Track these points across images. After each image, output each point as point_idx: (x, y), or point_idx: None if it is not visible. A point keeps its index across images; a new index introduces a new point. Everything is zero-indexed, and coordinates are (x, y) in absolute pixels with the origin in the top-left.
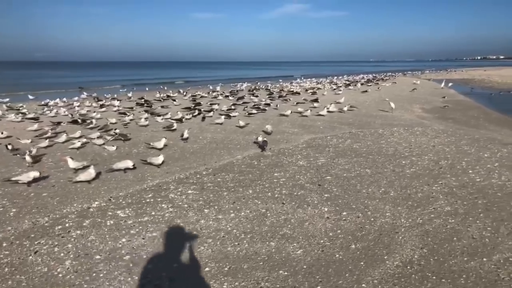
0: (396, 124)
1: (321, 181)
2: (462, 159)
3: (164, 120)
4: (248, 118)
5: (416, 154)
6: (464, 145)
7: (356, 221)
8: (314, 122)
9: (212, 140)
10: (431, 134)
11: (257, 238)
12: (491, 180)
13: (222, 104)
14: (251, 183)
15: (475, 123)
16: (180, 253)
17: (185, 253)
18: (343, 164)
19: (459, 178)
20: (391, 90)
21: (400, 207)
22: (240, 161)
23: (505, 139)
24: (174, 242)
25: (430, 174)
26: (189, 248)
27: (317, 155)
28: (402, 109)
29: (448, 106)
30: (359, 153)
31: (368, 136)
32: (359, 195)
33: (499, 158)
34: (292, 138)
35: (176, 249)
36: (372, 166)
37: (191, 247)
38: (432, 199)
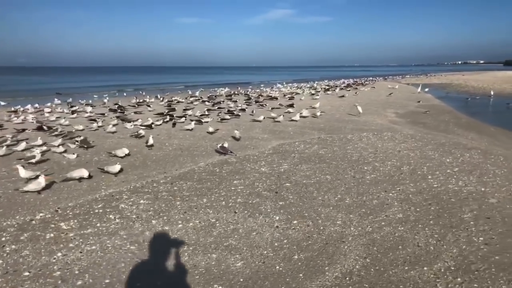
0: (366, 129)
1: (279, 188)
2: (424, 164)
3: (133, 126)
4: (220, 124)
5: (380, 159)
6: (429, 150)
7: (305, 230)
8: (286, 128)
9: (178, 147)
10: (399, 139)
11: (199, 250)
12: (448, 186)
13: (197, 109)
14: (207, 191)
15: (445, 127)
16: (115, 267)
17: (120, 268)
18: (305, 170)
19: (417, 184)
20: (368, 95)
21: (352, 215)
22: (202, 169)
23: (470, 143)
24: (111, 255)
25: (389, 180)
26: (126, 262)
27: (281, 161)
28: (376, 114)
29: (429, 112)
30: (324, 159)
31: (336, 142)
32: (314, 203)
33: (460, 163)
34: (260, 144)
35: (111, 263)
36: (333, 173)
37: (128, 261)
38: (386, 206)
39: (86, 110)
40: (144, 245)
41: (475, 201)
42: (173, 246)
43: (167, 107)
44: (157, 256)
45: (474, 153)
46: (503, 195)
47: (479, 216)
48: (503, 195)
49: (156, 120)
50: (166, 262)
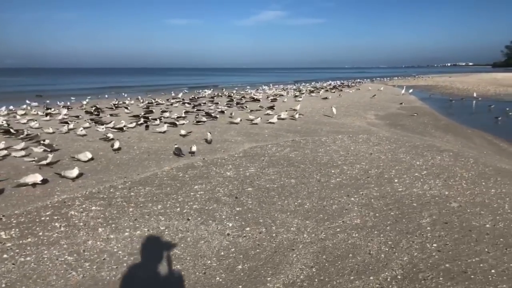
0: (343, 131)
1: (240, 193)
2: (394, 167)
3: (105, 129)
4: (195, 127)
5: (349, 162)
6: (402, 153)
7: (256, 238)
8: (262, 130)
9: (146, 151)
10: (373, 141)
11: (140, 260)
12: (412, 190)
13: (176, 111)
14: (165, 197)
15: (422, 129)
16: (45, 280)
17: (51, 281)
18: (271, 174)
19: (381, 188)
20: (352, 97)
21: (309, 221)
22: (165, 173)
23: (444, 145)
24: (44, 267)
25: (354, 184)
26: (58, 275)
27: (249, 164)
28: (356, 116)
29: (416, 114)
30: (293, 162)
31: (309, 144)
32: (272, 208)
33: (430, 166)
34: (232, 147)
35: (42, 276)
36: (298, 176)
37: (62, 273)
38: (345, 211)
39: (61, 112)
40: (83, 256)
41: (437, 205)
42: (113, 256)
43: (145, 109)
44: (93, 267)
45: (445, 156)
46: (466, 199)
47: (437, 221)
48: (465, 199)
49: (130, 123)
50: (101, 273)
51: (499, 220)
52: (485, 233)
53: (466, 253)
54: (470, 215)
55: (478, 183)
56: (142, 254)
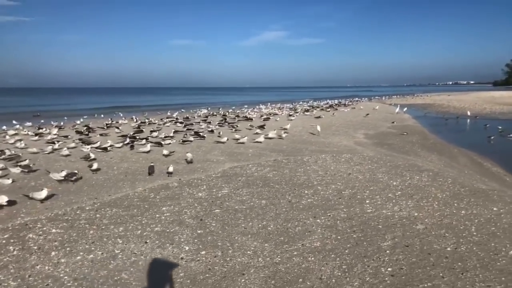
0: (327, 150)
1: (207, 215)
2: (369, 187)
3: (90, 149)
4: (180, 146)
5: (325, 183)
6: (381, 173)
7: (210, 261)
8: (247, 150)
9: (125, 171)
10: (355, 161)
11: (84, 285)
12: (382, 211)
13: (166, 131)
14: (129, 219)
15: (409, 149)
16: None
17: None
18: (243, 195)
19: (350, 210)
20: (345, 116)
21: (268, 243)
22: (137, 194)
23: (426, 165)
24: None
25: (324, 205)
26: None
27: (224, 185)
28: (344, 135)
29: (406, 133)
30: (268, 182)
31: (290, 164)
32: (234, 230)
33: (406, 186)
34: (212, 167)
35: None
36: (270, 197)
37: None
38: (308, 233)
39: (51, 132)
40: (27, 281)
41: (402, 227)
42: (56, 282)
43: (136, 128)
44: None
45: (424, 176)
46: (434, 220)
47: (398, 244)
48: (433, 220)
49: (117, 143)
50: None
51: (462, 243)
52: (444, 256)
53: (419, 278)
54: (434, 238)
55: (450, 204)
56: (87, 279)
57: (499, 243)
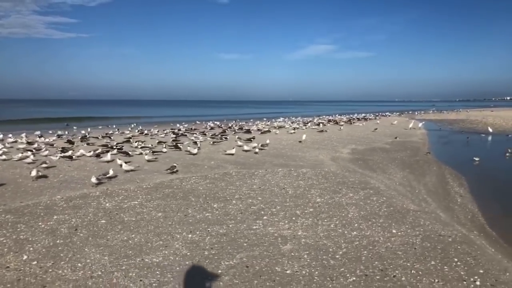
0: (292, 164)
1: (87, 225)
2: (284, 203)
3: (58, 157)
4: (150, 157)
5: (246, 197)
6: (317, 189)
7: (32, 272)
8: (207, 162)
9: (65, 179)
10: (306, 176)
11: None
12: (268, 228)
13: (150, 142)
14: (23, 225)
15: (383, 165)
16: None
17: None
18: (149, 206)
19: (237, 225)
20: (353, 130)
21: (111, 256)
22: (48, 203)
23: (378, 183)
24: None
25: (215, 220)
26: None
27: (142, 196)
28: (328, 149)
29: (398, 150)
30: (190, 195)
31: (235, 177)
32: (94, 242)
33: (326, 204)
34: (153, 177)
35: None
36: (172, 210)
37: None
38: (162, 248)
39: (37, 140)
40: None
41: (267, 246)
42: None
43: (125, 138)
44: None
45: (361, 194)
46: (310, 241)
47: (239, 264)
48: (310, 241)
49: (89, 151)
50: None
51: (313, 267)
52: (279, 282)
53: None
54: (287, 260)
55: (351, 224)
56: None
57: (345, 271)
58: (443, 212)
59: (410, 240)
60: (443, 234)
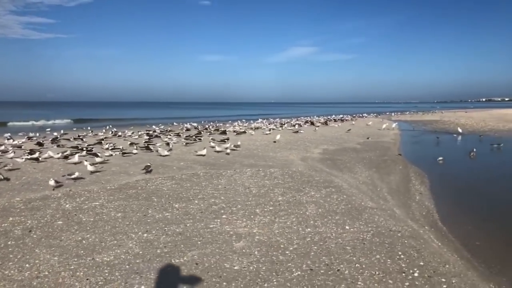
0: (261, 164)
1: (43, 227)
2: (246, 202)
3: (24, 159)
4: (122, 158)
5: (209, 197)
6: (281, 187)
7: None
8: (177, 163)
9: (27, 181)
10: (272, 176)
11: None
12: (225, 227)
13: (122, 144)
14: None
15: (350, 165)
16: None
17: None
18: (109, 207)
19: (194, 224)
20: (325, 131)
21: (61, 257)
22: (7, 204)
23: (342, 182)
24: None
25: (173, 220)
26: None
27: (104, 197)
28: (300, 150)
29: (368, 150)
30: (153, 195)
31: (202, 177)
32: (47, 243)
33: (287, 202)
34: (119, 179)
35: None
36: (133, 210)
37: None
38: (115, 247)
39: (5, 143)
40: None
41: (224, 244)
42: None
43: (97, 140)
44: None
45: (323, 192)
46: (264, 238)
47: (189, 261)
48: (263, 238)
49: (57, 153)
50: None
51: (261, 262)
52: (225, 279)
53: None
54: (237, 256)
55: (307, 221)
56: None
57: (290, 267)
58: (399, 209)
59: (361, 236)
60: (393, 230)
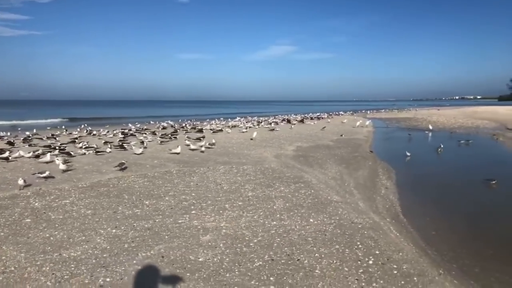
0: (235, 162)
1: (14, 224)
2: (216, 198)
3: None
4: (95, 157)
5: (180, 194)
6: (252, 183)
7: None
8: (150, 161)
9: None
10: (245, 172)
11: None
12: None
13: (96, 143)
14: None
15: (322, 162)
16: None
17: None
18: (79, 205)
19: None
20: (301, 129)
21: (32, 252)
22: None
23: (312, 177)
24: None
25: (147, 215)
26: None
27: (75, 195)
28: (275, 147)
29: (340, 147)
30: (124, 193)
31: (178, 174)
32: (13, 240)
33: (256, 197)
34: (91, 177)
35: None
36: (104, 207)
37: None
38: (83, 242)
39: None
40: None
41: (191, 237)
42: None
43: (71, 139)
44: None
45: (292, 187)
46: (228, 231)
47: (158, 254)
48: (228, 231)
49: (28, 152)
50: None
51: (227, 254)
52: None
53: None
54: (202, 249)
55: (273, 214)
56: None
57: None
58: (363, 202)
59: (323, 228)
60: (355, 222)
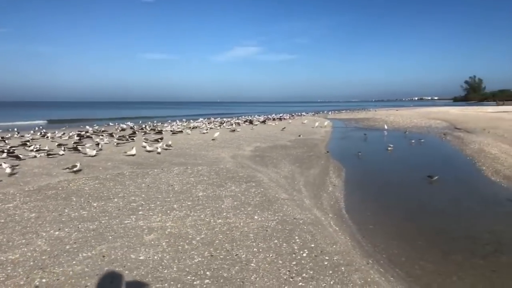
0: (191, 163)
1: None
2: (165, 199)
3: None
4: (47, 160)
5: (129, 195)
6: (205, 184)
7: None
8: (105, 163)
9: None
10: (199, 173)
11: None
12: (139, 222)
13: (49, 145)
14: None
15: (277, 161)
16: None
17: None
18: (25, 208)
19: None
20: (261, 130)
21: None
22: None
23: (264, 177)
24: None
25: (93, 217)
26: None
27: (20, 199)
28: (233, 148)
29: (297, 147)
30: (72, 196)
31: (131, 176)
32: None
33: (206, 197)
34: (41, 180)
35: None
36: (49, 210)
37: None
38: (28, 245)
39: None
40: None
41: (134, 237)
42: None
43: (22, 142)
44: None
45: (243, 187)
46: (173, 230)
47: (99, 254)
48: (172, 230)
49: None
50: None
51: (168, 252)
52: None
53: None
54: (144, 248)
55: (220, 212)
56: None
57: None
58: (309, 200)
59: (266, 224)
60: (297, 218)
